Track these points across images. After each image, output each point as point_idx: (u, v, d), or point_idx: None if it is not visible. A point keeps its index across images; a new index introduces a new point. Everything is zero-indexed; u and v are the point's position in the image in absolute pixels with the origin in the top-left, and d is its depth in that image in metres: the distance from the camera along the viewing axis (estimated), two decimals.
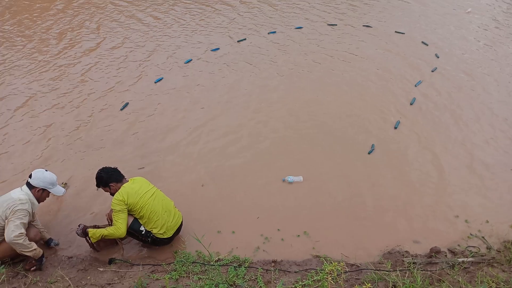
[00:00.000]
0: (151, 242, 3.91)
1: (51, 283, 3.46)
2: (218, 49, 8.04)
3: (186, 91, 6.70)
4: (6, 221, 3.47)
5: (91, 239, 3.77)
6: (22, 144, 5.45)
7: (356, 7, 10.07)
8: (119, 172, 3.97)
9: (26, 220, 3.53)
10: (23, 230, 3.47)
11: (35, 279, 3.55)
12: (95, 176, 3.91)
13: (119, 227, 3.69)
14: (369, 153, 5.37)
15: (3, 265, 3.40)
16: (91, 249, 3.96)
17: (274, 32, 8.74)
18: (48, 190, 3.77)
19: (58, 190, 3.86)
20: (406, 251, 3.88)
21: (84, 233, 3.81)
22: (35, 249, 3.55)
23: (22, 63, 7.37)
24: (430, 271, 3.53)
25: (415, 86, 6.94)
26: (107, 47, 7.93)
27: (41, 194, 3.73)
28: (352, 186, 4.81)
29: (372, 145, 5.45)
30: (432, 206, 4.52)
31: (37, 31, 8.47)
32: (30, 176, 3.72)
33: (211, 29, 8.74)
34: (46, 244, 4.06)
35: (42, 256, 3.68)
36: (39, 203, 3.79)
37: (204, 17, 9.29)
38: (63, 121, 5.93)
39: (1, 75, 7.03)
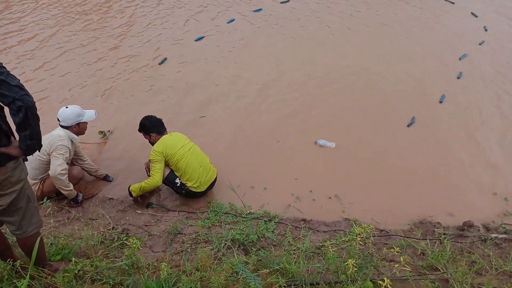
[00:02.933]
0: (185, 194, 4.06)
1: (93, 220, 3.68)
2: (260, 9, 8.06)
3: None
4: (50, 157, 3.68)
5: (133, 193, 3.96)
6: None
7: None
8: (163, 124, 4.09)
9: (67, 155, 3.73)
10: (66, 166, 3.69)
11: (78, 215, 3.79)
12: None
13: (155, 177, 3.86)
14: (408, 125, 5.26)
15: (49, 200, 3.62)
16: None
17: None
18: (81, 122, 3.90)
19: (89, 116, 3.96)
20: (438, 222, 3.85)
21: (129, 193, 4.02)
22: (71, 189, 3.77)
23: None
24: (460, 243, 3.50)
25: (459, 59, 6.68)
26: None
27: (78, 128, 3.89)
28: (387, 156, 4.76)
29: (413, 118, 5.33)
30: (470, 182, 4.42)
31: None
32: (58, 119, 3.84)
33: None
34: (104, 180, 4.36)
35: (77, 197, 3.89)
36: (83, 133, 3.99)
37: None
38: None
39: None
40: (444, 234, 3.62)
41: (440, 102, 5.70)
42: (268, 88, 5.98)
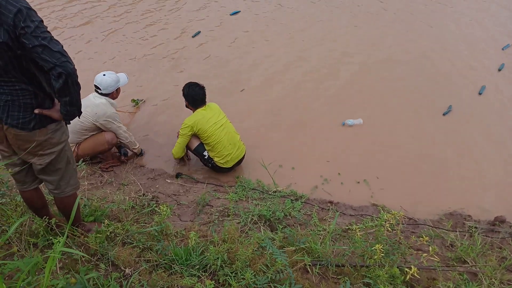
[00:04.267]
0: (211, 167, 4.11)
1: (124, 185, 3.77)
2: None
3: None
4: (113, 127, 3.88)
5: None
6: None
7: None
8: (201, 100, 3.98)
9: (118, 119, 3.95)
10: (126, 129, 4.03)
11: (110, 179, 3.88)
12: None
13: (175, 149, 4.02)
14: (444, 114, 5.11)
15: (84, 162, 3.71)
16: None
17: None
18: (119, 87, 3.99)
19: (124, 80, 4.07)
20: (469, 215, 3.75)
21: None
22: (138, 146, 4.17)
23: None
24: (491, 237, 3.42)
25: (502, 49, 6.40)
26: None
27: (116, 93, 4.00)
28: (420, 144, 4.65)
29: (449, 106, 5.17)
30: (505, 177, 4.28)
31: None
32: (97, 87, 3.84)
33: None
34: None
35: (142, 150, 4.32)
36: (117, 97, 4.08)
37: None
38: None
39: None
40: (475, 227, 3.54)
41: (480, 93, 5.50)
42: (304, 66, 5.93)
